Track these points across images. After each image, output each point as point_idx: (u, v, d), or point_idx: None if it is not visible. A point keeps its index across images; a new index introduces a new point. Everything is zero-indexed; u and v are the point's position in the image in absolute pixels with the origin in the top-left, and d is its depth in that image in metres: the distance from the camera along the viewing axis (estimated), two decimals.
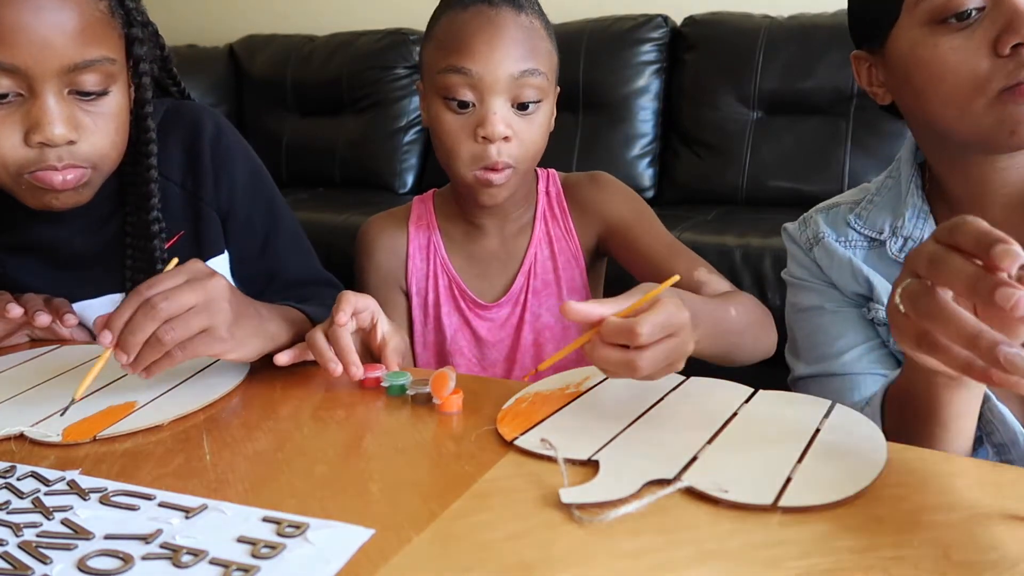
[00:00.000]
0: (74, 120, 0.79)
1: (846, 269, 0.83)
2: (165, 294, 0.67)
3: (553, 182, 1.06)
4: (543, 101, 0.94)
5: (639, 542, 0.48)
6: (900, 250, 0.81)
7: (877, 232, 0.83)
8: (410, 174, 2.48)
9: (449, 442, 0.62)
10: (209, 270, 0.71)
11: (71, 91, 0.79)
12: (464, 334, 1.05)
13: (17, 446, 0.65)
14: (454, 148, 0.93)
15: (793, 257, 0.90)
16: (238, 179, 0.96)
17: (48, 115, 0.77)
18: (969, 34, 0.70)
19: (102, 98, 0.81)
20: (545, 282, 1.04)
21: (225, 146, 0.96)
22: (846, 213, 0.86)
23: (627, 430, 0.62)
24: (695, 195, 2.14)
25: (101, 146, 0.82)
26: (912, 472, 0.54)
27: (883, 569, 0.44)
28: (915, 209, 0.81)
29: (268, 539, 0.49)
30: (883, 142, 1.96)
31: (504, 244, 1.04)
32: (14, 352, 0.87)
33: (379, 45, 2.54)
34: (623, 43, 2.22)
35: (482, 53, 0.89)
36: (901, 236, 0.81)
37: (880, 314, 0.81)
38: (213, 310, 0.69)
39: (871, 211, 0.84)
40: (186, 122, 0.95)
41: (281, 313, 0.80)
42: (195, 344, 0.68)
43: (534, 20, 0.93)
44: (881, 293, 0.81)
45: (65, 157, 0.79)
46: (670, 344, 0.62)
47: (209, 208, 0.94)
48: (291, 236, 1.00)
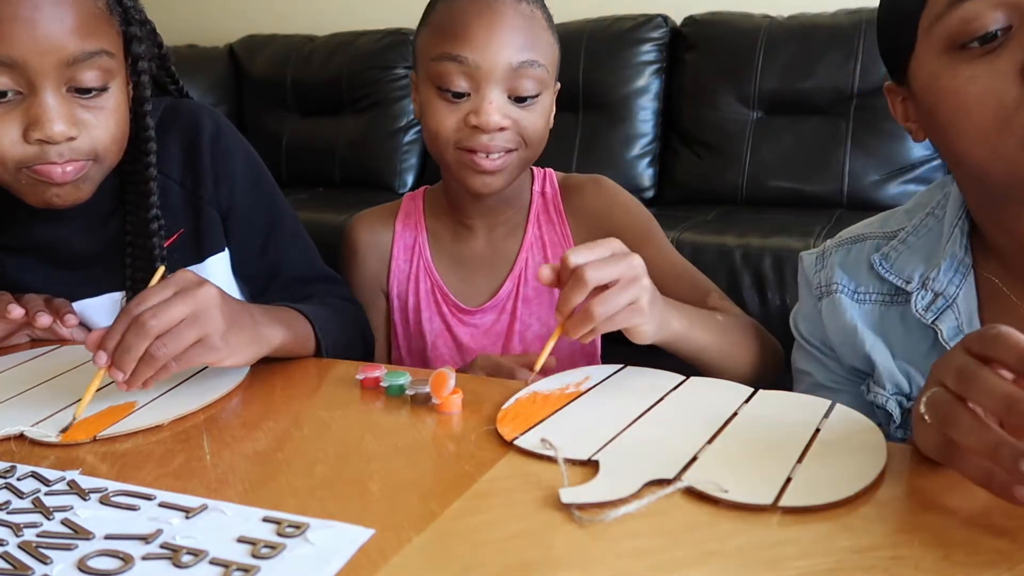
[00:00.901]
0: (73, 116, 0.78)
1: (849, 339, 0.75)
2: (154, 310, 0.66)
3: (550, 182, 1.02)
4: (542, 94, 0.90)
5: (639, 542, 0.48)
6: (927, 308, 0.70)
7: (904, 281, 0.72)
8: (410, 174, 2.48)
9: (449, 442, 0.62)
10: (198, 279, 0.71)
11: (70, 88, 0.78)
12: (444, 340, 1.00)
13: (17, 446, 0.65)
14: (440, 131, 0.88)
15: (801, 300, 0.82)
16: (238, 177, 0.95)
17: (48, 112, 0.76)
18: (992, 59, 0.59)
19: (101, 94, 0.81)
20: (537, 290, 0.98)
21: (224, 144, 0.95)
22: (871, 251, 0.75)
23: (627, 430, 0.62)
24: (695, 195, 2.14)
25: (101, 141, 0.81)
26: (912, 472, 0.54)
27: (883, 569, 0.44)
28: (953, 260, 0.70)
29: (268, 539, 0.49)
30: (883, 142, 1.95)
31: (492, 246, 1.00)
32: (14, 352, 0.87)
33: (379, 45, 2.54)
34: (623, 43, 2.22)
35: (479, 40, 0.85)
36: (931, 291, 0.70)
37: (878, 399, 0.73)
38: (204, 320, 0.68)
39: (902, 253, 0.73)
40: (185, 120, 0.94)
41: (276, 316, 0.80)
42: (189, 355, 0.68)
43: (535, 10, 0.89)
44: (883, 375, 0.73)
45: (66, 153, 0.79)
46: (616, 270, 0.68)
47: (209, 206, 0.94)
48: (292, 233, 1.00)
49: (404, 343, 1.03)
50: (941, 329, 0.69)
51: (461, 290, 1.00)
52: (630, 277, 0.69)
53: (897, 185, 1.94)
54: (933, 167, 1.93)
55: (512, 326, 0.99)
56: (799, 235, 1.66)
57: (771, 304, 1.61)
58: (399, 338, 1.03)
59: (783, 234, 1.68)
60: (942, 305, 0.70)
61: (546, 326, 0.98)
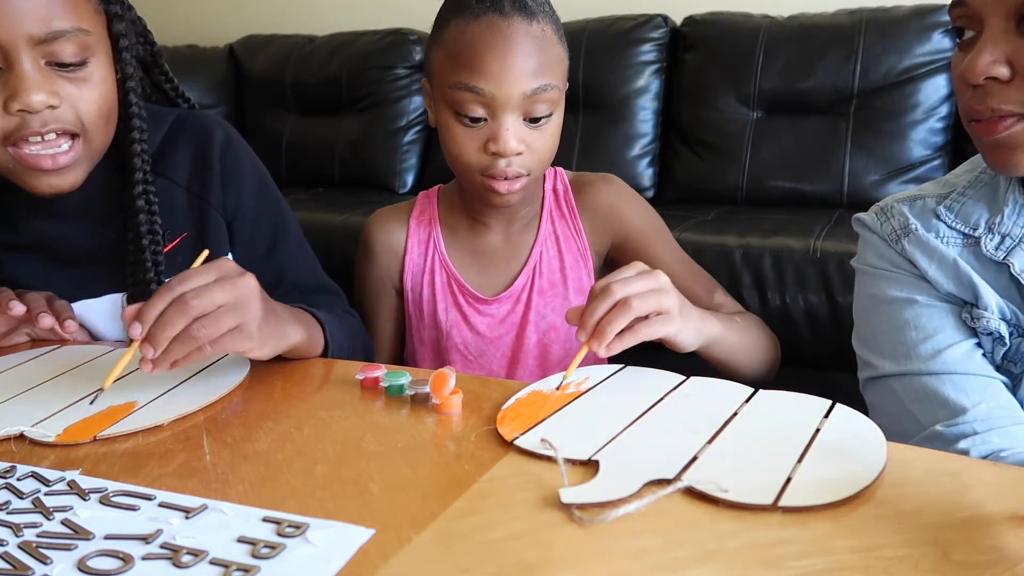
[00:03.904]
0: (53, 86, 0.79)
1: (949, 269, 0.77)
2: (197, 291, 0.67)
3: (560, 180, 1.05)
4: (555, 111, 0.93)
5: (639, 542, 0.48)
6: (997, 248, 0.75)
7: (971, 228, 0.77)
8: (410, 174, 2.48)
9: (449, 442, 0.62)
10: (239, 269, 0.72)
11: (48, 62, 0.79)
12: (461, 329, 1.03)
13: (17, 446, 0.65)
14: (462, 157, 0.92)
15: (870, 246, 0.84)
16: (246, 187, 0.97)
17: (24, 82, 0.77)
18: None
19: (82, 68, 0.81)
20: (551, 282, 1.02)
21: (234, 154, 0.97)
22: (934, 205, 0.80)
23: (627, 430, 0.62)
24: (695, 195, 2.14)
25: (86, 112, 0.82)
26: (912, 472, 0.54)
27: (883, 569, 0.44)
28: (1016, 205, 0.75)
29: (268, 539, 0.49)
30: (883, 142, 1.95)
31: (508, 240, 1.04)
32: (14, 352, 0.87)
33: (379, 45, 2.53)
34: (623, 43, 2.22)
35: (495, 73, 0.88)
36: (999, 233, 0.75)
37: (991, 323, 0.75)
38: (244, 308, 0.69)
39: (964, 204, 0.78)
40: (196, 130, 0.96)
41: (295, 315, 0.81)
42: (225, 340, 0.69)
43: (546, 27, 0.91)
44: (989, 301, 0.75)
45: (49, 122, 0.79)
46: (642, 284, 0.73)
47: (215, 212, 0.95)
48: (297, 243, 1.01)
49: (418, 334, 1.06)
50: (1013, 263, 0.74)
51: (477, 281, 1.04)
52: (655, 288, 0.74)
53: (897, 185, 1.93)
54: (933, 167, 1.93)
55: (527, 315, 1.02)
56: (799, 235, 1.66)
57: (771, 304, 1.61)
58: (413, 330, 1.07)
59: (783, 234, 1.68)
60: (1011, 245, 0.75)
61: (560, 316, 1.02)
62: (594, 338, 0.72)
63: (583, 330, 0.73)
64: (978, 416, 0.72)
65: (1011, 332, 0.75)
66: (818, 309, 1.57)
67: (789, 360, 1.02)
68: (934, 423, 0.73)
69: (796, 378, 0.88)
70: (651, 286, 0.74)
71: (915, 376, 0.77)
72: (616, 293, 0.72)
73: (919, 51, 1.93)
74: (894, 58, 1.94)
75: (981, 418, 0.71)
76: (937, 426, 0.73)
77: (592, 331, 0.73)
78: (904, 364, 0.77)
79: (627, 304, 0.72)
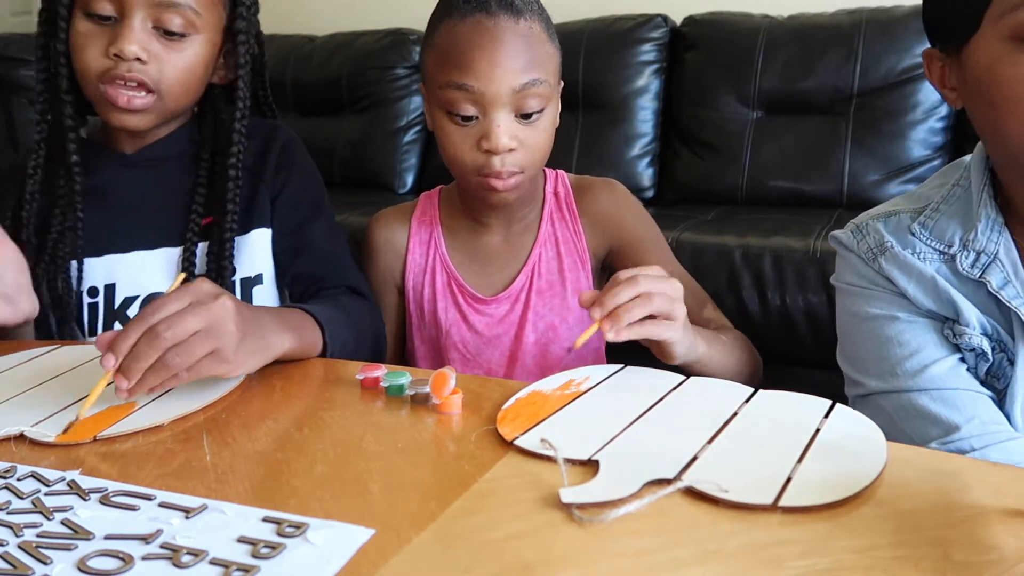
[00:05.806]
0: (147, 44, 0.91)
1: (928, 286, 0.77)
2: (169, 321, 0.67)
3: (562, 182, 1.06)
4: (547, 106, 0.93)
5: (639, 542, 0.48)
6: (972, 265, 0.75)
7: (946, 245, 0.77)
8: (410, 174, 2.48)
9: (449, 442, 0.62)
10: (215, 290, 0.71)
11: (155, 25, 0.92)
12: (460, 329, 1.04)
13: (17, 446, 0.65)
14: (457, 156, 0.94)
15: (848, 264, 0.84)
16: (295, 172, 1.04)
17: (126, 33, 0.91)
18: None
19: (182, 39, 0.93)
20: (550, 283, 1.03)
21: (292, 147, 1.06)
22: (908, 222, 0.79)
23: (627, 430, 0.62)
24: (695, 195, 2.14)
25: (167, 77, 0.93)
26: (912, 472, 0.54)
27: (883, 569, 0.44)
28: (988, 220, 0.75)
29: (268, 539, 0.49)
30: (883, 142, 1.95)
31: (508, 241, 1.04)
32: (14, 352, 0.87)
33: (379, 45, 2.53)
34: (623, 43, 2.22)
35: (483, 70, 0.89)
36: (973, 250, 0.75)
37: (973, 340, 0.75)
38: (218, 333, 0.69)
39: (937, 220, 0.78)
40: (267, 128, 1.06)
41: (285, 321, 0.80)
42: (200, 366, 0.69)
43: (533, 24, 0.92)
44: (970, 317, 0.75)
45: (135, 70, 0.91)
46: (664, 285, 0.75)
47: (264, 188, 1.02)
48: (330, 227, 1.05)
49: (418, 333, 1.07)
50: (990, 280, 0.74)
51: (476, 281, 1.05)
52: (673, 295, 0.76)
53: (897, 185, 1.94)
54: (933, 167, 1.93)
55: (525, 316, 1.03)
56: (799, 235, 1.66)
57: (771, 304, 1.61)
58: (413, 328, 1.08)
59: (783, 234, 1.68)
60: (986, 261, 0.75)
61: (559, 317, 1.03)
62: (608, 319, 0.73)
63: (600, 308, 0.74)
64: (973, 432, 0.71)
65: (993, 347, 0.75)
66: (818, 309, 1.57)
67: (789, 360, 1.03)
68: (927, 441, 0.73)
69: (796, 378, 0.89)
70: (670, 292, 0.76)
71: (902, 393, 0.76)
72: (641, 285, 0.74)
73: (919, 51, 1.93)
74: (894, 58, 1.94)
75: (976, 434, 0.71)
76: (932, 444, 0.73)
77: (608, 313, 0.74)
78: (890, 381, 0.77)
79: (649, 298, 0.74)
